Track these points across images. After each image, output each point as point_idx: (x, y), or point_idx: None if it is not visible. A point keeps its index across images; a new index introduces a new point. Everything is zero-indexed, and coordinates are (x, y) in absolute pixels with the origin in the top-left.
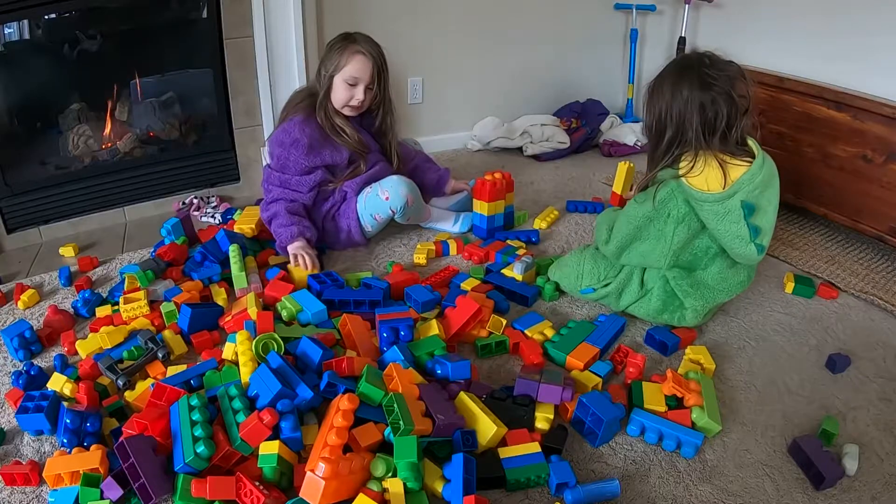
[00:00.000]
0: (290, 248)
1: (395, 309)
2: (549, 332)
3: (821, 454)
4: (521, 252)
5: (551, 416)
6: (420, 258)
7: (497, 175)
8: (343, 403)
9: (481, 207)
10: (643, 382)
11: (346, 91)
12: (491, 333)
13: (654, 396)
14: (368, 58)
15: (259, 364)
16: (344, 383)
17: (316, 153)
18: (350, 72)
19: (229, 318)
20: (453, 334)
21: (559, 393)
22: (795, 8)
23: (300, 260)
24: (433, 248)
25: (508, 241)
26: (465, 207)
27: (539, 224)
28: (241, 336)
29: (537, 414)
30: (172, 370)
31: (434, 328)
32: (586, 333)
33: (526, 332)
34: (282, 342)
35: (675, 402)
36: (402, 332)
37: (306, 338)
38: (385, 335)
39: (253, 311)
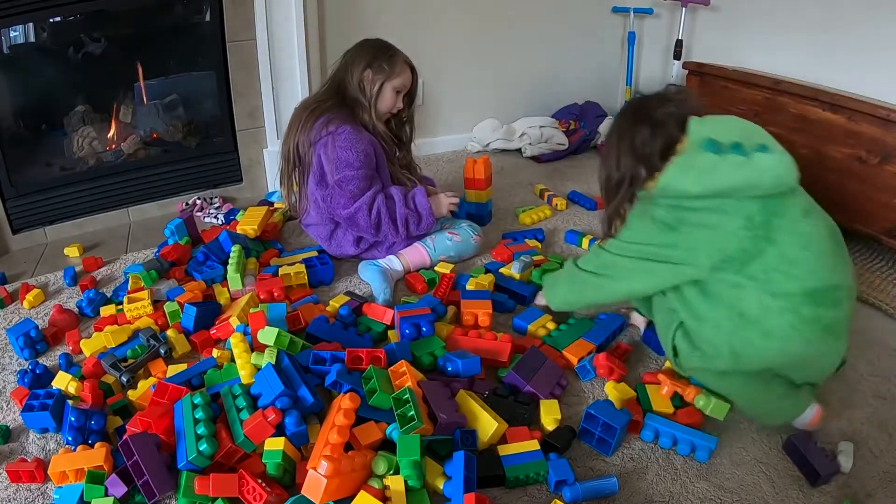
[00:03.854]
0: (443, 209)
1: (415, 305)
2: (551, 326)
3: (815, 451)
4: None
5: (559, 417)
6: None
7: (478, 160)
8: (345, 402)
9: (478, 196)
10: (647, 386)
11: (394, 99)
12: None
13: (659, 398)
14: (412, 70)
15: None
16: (349, 382)
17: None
18: (402, 81)
19: (219, 323)
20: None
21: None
22: (791, 10)
23: (452, 206)
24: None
25: (527, 242)
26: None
27: (536, 216)
28: (235, 339)
29: (544, 415)
30: (173, 369)
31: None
32: (585, 330)
33: (528, 326)
34: (298, 342)
35: (679, 402)
36: (424, 328)
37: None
38: (407, 332)
39: (235, 321)
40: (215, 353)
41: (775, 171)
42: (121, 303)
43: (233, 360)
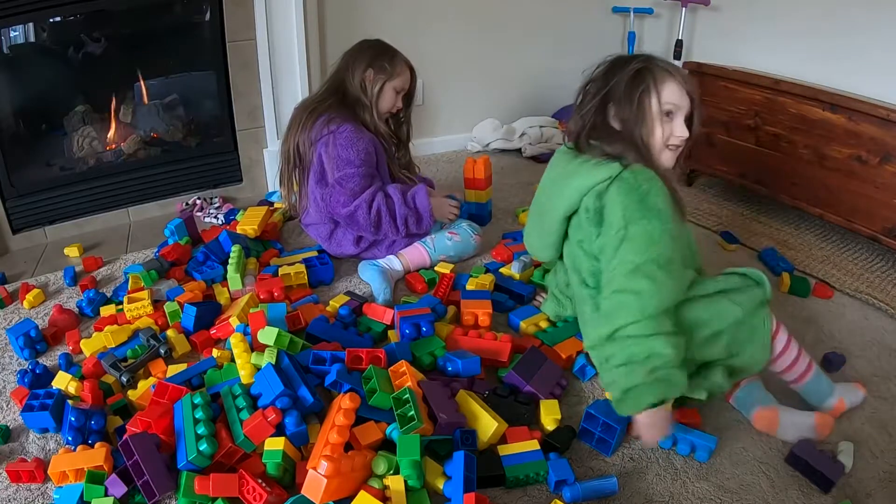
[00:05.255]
0: (445, 212)
1: (415, 305)
2: (544, 324)
3: (821, 458)
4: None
5: (559, 417)
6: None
7: (479, 160)
8: (345, 402)
9: (478, 196)
10: None
11: (394, 98)
12: None
13: None
14: (411, 71)
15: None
16: (349, 382)
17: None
18: (402, 81)
19: (219, 323)
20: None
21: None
22: (791, 10)
23: (452, 216)
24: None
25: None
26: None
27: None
28: (235, 339)
29: (544, 415)
30: (173, 369)
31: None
32: (579, 329)
33: (521, 323)
34: (298, 342)
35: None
36: (424, 328)
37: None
38: (407, 332)
39: (235, 321)
40: (215, 353)
41: None
42: (121, 303)
43: (233, 360)
